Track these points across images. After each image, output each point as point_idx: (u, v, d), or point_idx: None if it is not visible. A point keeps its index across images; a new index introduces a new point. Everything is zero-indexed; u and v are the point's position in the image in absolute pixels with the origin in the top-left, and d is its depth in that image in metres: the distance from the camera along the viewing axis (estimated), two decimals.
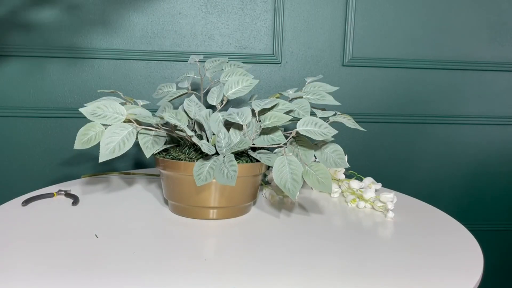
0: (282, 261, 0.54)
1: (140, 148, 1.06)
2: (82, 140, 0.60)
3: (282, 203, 0.78)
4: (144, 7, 1.03)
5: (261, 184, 0.81)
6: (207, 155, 0.64)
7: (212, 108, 0.72)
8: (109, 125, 0.61)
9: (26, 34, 1.01)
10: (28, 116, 1.05)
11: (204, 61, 0.82)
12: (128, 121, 0.63)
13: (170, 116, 0.61)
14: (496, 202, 1.20)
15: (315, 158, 0.67)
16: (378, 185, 0.80)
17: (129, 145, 0.60)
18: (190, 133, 0.61)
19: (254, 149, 0.68)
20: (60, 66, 1.03)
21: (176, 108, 0.72)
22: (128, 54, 1.04)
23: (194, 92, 0.80)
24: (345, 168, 0.81)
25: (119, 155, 0.59)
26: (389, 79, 1.11)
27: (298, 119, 0.65)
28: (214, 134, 0.66)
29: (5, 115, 1.04)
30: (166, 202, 0.75)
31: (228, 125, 0.67)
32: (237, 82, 0.71)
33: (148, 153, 0.62)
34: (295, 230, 0.65)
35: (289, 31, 1.07)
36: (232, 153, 0.64)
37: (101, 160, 0.58)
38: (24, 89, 1.03)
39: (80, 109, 0.61)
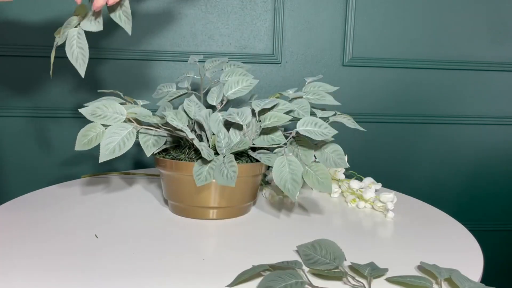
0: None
1: (140, 148, 1.06)
2: (82, 142, 0.60)
3: (282, 203, 0.78)
4: (143, 6, 1.03)
5: (261, 184, 0.81)
6: None
7: (212, 108, 0.72)
8: (109, 125, 0.61)
9: (25, 34, 1.01)
10: (28, 116, 1.05)
11: (204, 61, 0.82)
12: (128, 120, 0.63)
13: (172, 118, 0.61)
14: (496, 202, 1.20)
15: (315, 158, 0.67)
16: (378, 185, 0.80)
17: (129, 145, 0.60)
18: (191, 135, 0.61)
19: (254, 149, 0.68)
20: (59, 66, 1.03)
21: (176, 108, 0.72)
22: (128, 54, 1.04)
23: (194, 92, 0.80)
24: (345, 168, 0.81)
25: (119, 155, 0.59)
26: (389, 79, 1.11)
27: (298, 119, 0.65)
28: (214, 134, 0.66)
29: (5, 115, 1.04)
30: (166, 202, 0.75)
31: (228, 125, 0.67)
32: (237, 82, 0.71)
33: (148, 152, 0.62)
34: (295, 230, 0.65)
35: (289, 31, 1.07)
36: (232, 153, 0.64)
37: (101, 160, 0.58)
38: (24, 89, 1.03)
39: (80, 110, 0.61)
